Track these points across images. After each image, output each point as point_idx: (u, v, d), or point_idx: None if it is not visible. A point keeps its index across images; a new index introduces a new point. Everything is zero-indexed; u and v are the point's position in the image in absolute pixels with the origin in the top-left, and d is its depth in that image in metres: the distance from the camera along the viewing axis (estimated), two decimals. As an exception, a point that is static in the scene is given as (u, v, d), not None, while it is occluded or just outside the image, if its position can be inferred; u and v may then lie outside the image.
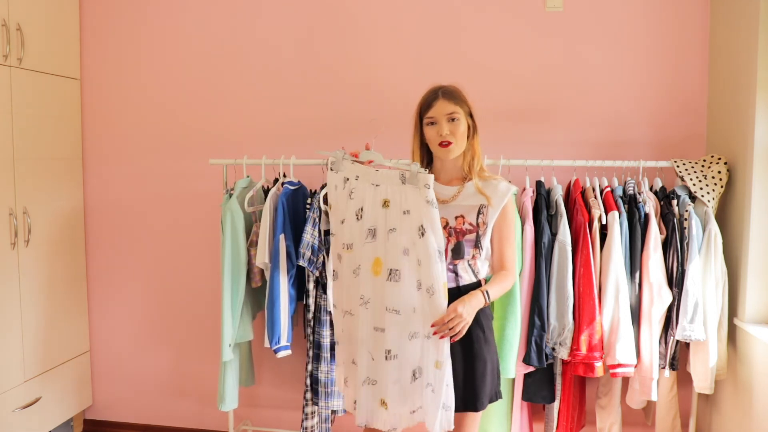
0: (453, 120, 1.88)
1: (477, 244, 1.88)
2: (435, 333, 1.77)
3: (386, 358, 1.83)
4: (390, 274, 1.82)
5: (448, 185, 1.95)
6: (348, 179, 1.93)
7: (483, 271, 1.93)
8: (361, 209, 1.88)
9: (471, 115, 1.93)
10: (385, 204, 1.86)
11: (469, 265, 1.89)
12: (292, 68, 2.92)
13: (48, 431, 2.91)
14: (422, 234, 1.79)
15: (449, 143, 1.88)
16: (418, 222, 1.80)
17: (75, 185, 3.09)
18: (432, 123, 1.90)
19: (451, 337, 1.78)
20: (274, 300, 2.46)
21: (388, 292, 1.82)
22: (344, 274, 1.94)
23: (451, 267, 1.88)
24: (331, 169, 1.97)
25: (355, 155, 1.95)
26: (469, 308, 1.78)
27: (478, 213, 1.89)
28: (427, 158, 2.00)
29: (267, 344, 2.50)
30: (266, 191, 2.61)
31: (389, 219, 1.85)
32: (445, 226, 1.88)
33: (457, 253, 1.88)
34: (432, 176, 1.81)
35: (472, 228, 1.88)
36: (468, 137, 1.92)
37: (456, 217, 1.90)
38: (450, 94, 1.91)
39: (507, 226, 1.93)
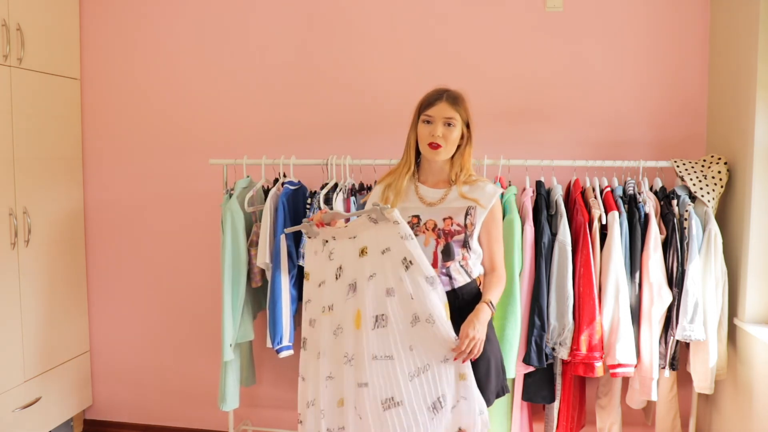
0: (449, 125, 1.89)
1: (465, 245, 1.90)
2: (456, 359, 1.77)
3: (386, 408, 1.76)
4: (376, 321, 1.79)
5: (434, 188, 1.97)
6: (327, 241, 1.93)
7: (476, 270, 1.94)
8: (340, 267, 1.88)
9: (468, 125, 1.94)
10: (363, 252, 1.84)
11: (461, 266, 1.90)
12: (292, 68, 2.92)
13: (48, 431, 2.91)
14: (408, 266, 1.78)
15: (438, 146, 1.88)
16: (400, 256, 1.79)
17: (75, 185, 3.09)
18: (428, 121, 1.91)
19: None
20: (276, 300, 2.46)
21: (373, 341, 1.78)
22: (320, 338, 1.89)
23: (444, 270, 1.89)
24: (309, 237, 1.98)
25: (320, 223, 1.94)
26: (479, 326, 1.79)
27: (466, 214, 1.91)
28: (417, 156, 2.00)
29: (269, 344, 2.50)
30: (266, 191, 2.61)
31: (367, 266, 1.83)
32: (434, 228, 1.90)
33: (447, 254, 1.89)
34: (396, 211, 1.82)
35: (460, 229, 1.89)
36: (460, 146, 1.94)
37: (444, 219, 1.91)
38: (453, 98, 1.92)
39: (495, 227, 1.95)
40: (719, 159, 2.43)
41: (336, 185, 2.53)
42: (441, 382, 1.77)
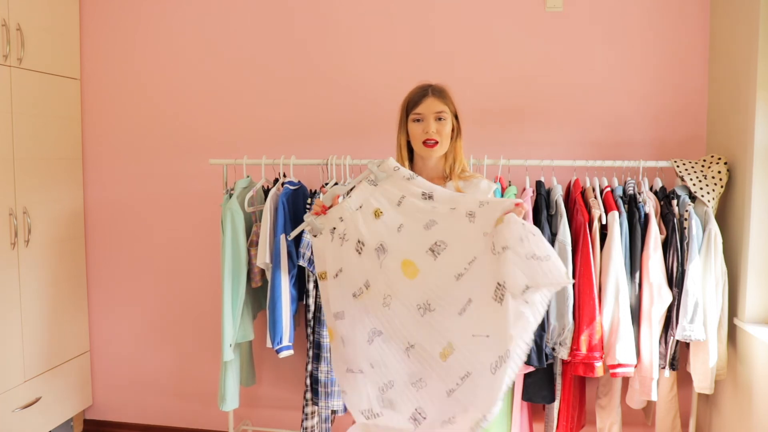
0: (440, 119, 1.87)
1: None
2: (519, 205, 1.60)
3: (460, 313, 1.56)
4: (432, 251, 1.63)
5: None
6: (334, 228, 1.77)
7: None
8: (359, 241, 1.73)
9: (456, 117, 1.93)
10: (377, 214, 1.74)
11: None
12: (292, 69, 2.92)
13: (48, 431, 2.91)
14: (429, 197, 1.67)
15: (435, 143, 1.86)
16: (418, 192, 1.68)
17: (75, 185, 3.09)
18: (418, 120, 1.88)
19: None
20: (276, 300, 2.46)
21: (443, 266, 1.61)
22: (367, 323, 1.70)
23: None
24: (314, 235, 1.81)
25: (322, 209, 1.80)
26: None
27: None
28: (409, 155, 1.97)
29: (269, 344, 2.50)
30: (266, 191, 2.61)
31: (390, 222, 1.72)
32: None
33: None
34: (391, 158, 1.77)
35: None
36: (452, 138, 1.92)
37: None
38: (439, 92, 1.90)
39: None
40: (719, 159, 2.43)
41: (336, 185, 2.53)
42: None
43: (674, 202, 2.35)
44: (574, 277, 2.33)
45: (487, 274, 1.54)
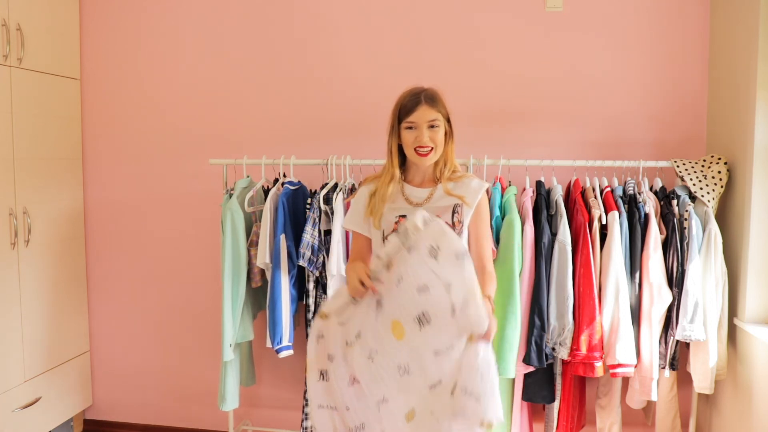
0: (433, 127, 1.84)
1: None
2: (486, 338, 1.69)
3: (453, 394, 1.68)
4: (419, 321, 1.68)
5: (420, 187, 1.93)
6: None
7: None
8: (379, 303, 1.74)
9: (448, 120, 1.90)
10: (389, 266, 1.72)
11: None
12: (292, 68, 2.92)
13: (48, 431, 2.91)
14: (436, 254, 1.67)
15: (429, 150, 1.84)
16: (426, 246, 1.67)
17: (75, 185, 3.09)
18: (411, 128, 1.86)
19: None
20: (276, 300, 2.46)
21: (426, 338, 1.68)
22: (354, 370, 1.75)
23: None
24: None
25: (373, 288, 1.75)
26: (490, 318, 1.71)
27: (453, 212, 1.87)
28: (401, 159, 1.94)
29: (269, 344, 2.50)
30: (266, 191, 2.61)
31: (395, 273, 1.70)
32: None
33: None
34: (420, 211, 1.74)
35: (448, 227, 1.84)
36: (444, 142, 1.89)
37: None
38: (432, 99, 1.86)
39: (482, 223, 1.91)
40: (719, 159, 2.43)
41: (336, 185, 2.53)
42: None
43: (674, 202, 2.35)
44: (574, 277, 2.33)
45: (454, 369, 1.68)
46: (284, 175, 2.64)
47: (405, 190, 1.93)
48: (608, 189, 2.41)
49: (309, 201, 2.54)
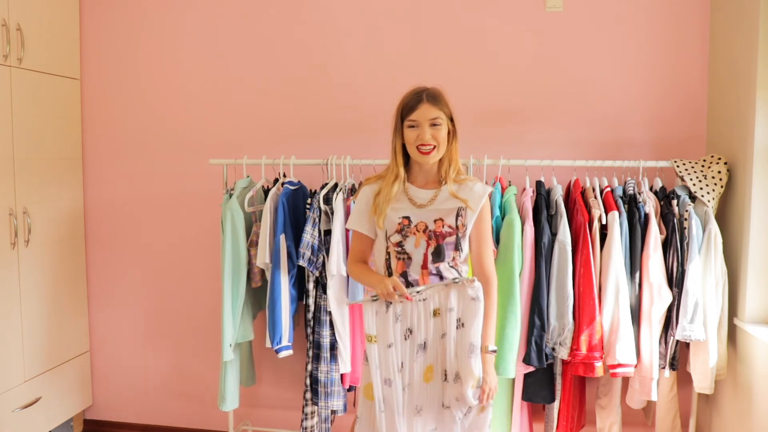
0: (435, 125, 1.86)
1: (457, 247, 1.88)
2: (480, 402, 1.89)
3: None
4: (444, 375, 1.88)
5: (424, 188, 1.94)
6: (390, 303, 1.86)
7: (464, 271, 1.93)
8: (409, 329, 1.87)
9: (452, 119, 1.91)
10: (436, 314, 1.87)
11: (451, 266, 1.89)
12: (292, 68, 2.92)
13: (48, 431, 2.91)
14: (461, 326, 1.86)
15: (431, 149, 1.86)
16: (458, 315, 1.86)
17: (75, 185, 3.09)
18: (413, 126, 1.87)
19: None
20: (275, 300, 2.46)
21: (447, 391, 1.88)
22: (397, 397, 1.88)
23: (434, 270, 1.88)
24: (374, 299, 1.87)
25: (410, 297, 1.84)
26: (491, 378, 1.88)
27: (457, 215, 1.88)
28: (405, 160, 1.96)
29: (268, 344, 2.50)
30: (266, 191, 2.61)
31: (437, 326, 1.87)
32: (425, 230, 1.87)
33: (437, 256, 1.87)
34: (479, 284, 1.86)
35: (451, 230, 1.87)
36: (447, 142, 1.90)
37: (435, 220, 1.88)
38: (434, 97, 1.88)
39: (485, 228, 1.94)
40: (719, 159, 2.43)
41: (336, 185, 2.53)
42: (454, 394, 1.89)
43: (674, 202, 2.35)
44: (574, 277, 2.33)
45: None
46: (284, 175, 2.64)
47: (409, 191, 1.94)
48: (608, 189, 2.41)
49: (309, 201, 2.54)
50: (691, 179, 2.38)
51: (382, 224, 1.90)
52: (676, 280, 2.31)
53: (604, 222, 2.31)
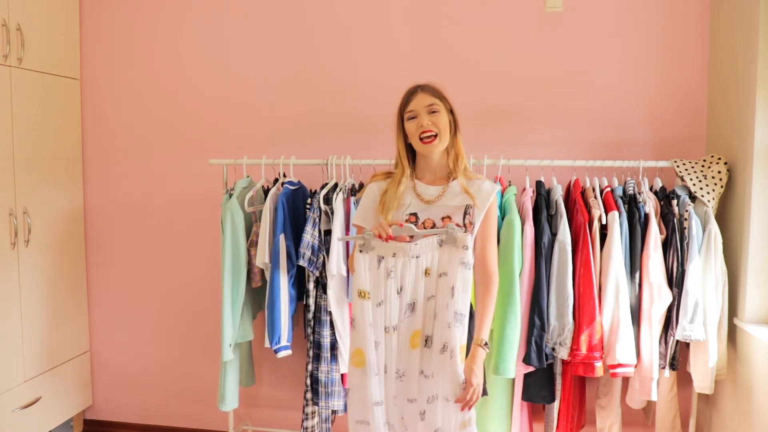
0: (433, 112, 1.86)
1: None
2: (462, 409, 1.78)
3: (421, 419, 1.81)
4: (425, 341, 1.81)
5: (432, 185, 1.93)
6: (383, 258, 1.82)
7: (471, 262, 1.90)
8: (402, 288, 1.82)
9: (452, 112, 1.91)
10: (427, 273, 1.82)
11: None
12: (292, 68, 2.92)
13: (48, 431, 2.91)
14: (452, 295, 1.78)
15: (433, 136, 1.85)
16: (451, 283, 1.79)
17: (75, 185, 3.09)
18: (412, 117, 1.88)
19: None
20: (275, 300, 2.46)
21: (423, 358, 1.81)
22: (386, 359, 1.85)
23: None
24: (360, 251, 1.84)
25: (389, 237, 1.80)
26: (479, 372, 1.79)
27: (465, 213, 1.87)
28: (411, 159, 1.96)
29: (267, 344, 2.50)
30: (266, 191, 2.61)
31: (428, 287, 1.82)
32: (432, 227, 1.87)
33: None
34: (470, 237, 1.80)
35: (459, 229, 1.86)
36: (450, 133, 1.90)
37: (442, 218, 1.87)
38: (429, 88, 1.90)
39: (490, 227, 1.92)
40: (719, 159, 2.43)
41: (336, 185, 2.53)
42: (445, 418, 1.79)
43: (674, 202, 2.35)
44: (574, 277, 2.33)
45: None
46: (284, 175, 2.64)
47: (417, 187, 1.93)
48: (608, 189, 2.41)
49: (309, 201, 2.54)
50: (691, 179, 2.38)
51: (389, 221, 1.88)
52: (676, 280, 2.31)
53: (604, 222, 2.31)
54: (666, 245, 2.34)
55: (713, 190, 2.36)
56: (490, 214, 1.91)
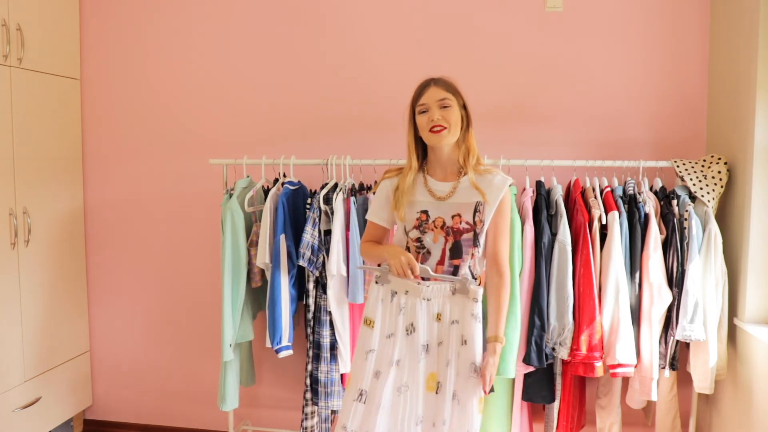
0: (445, 107, 1.85)
1: (475, 242, 1.87)
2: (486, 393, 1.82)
3: None
4: (438, 387, 1.83)
5: (443, 181, 1.93)
6: (396, 293, 1.88)
7: (480, 269, 1.92)
8: (412, 325, 1.86)
9: (465, 107, 1.91)
10: (438, 318, 1.86)
11: (469, 267, 1.88)
12: (292, 68, 2.92)
13: (48, 431, 2.91)
14: (464, 343, 1.82)
15: (441, 128, 1.84)
16: (461, 331, 1.83)
17: (75, 185, 3.09)
18: (424, 111, 1.87)
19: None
20: (275, 300, 2.46)
21: (439, 406, 1.82)
22: (382, 392, 1.84)
23: (450, 269, 1.87)
24: (377, 282, 1.92)
25: (414, 276, 1.83)
26: (493, 367, 1.82)
27: (475, 211, 1.87)
28: (422, 154, 1.96)
29: (268, 344, 2.50)
30: (266, 191, 2.61)
31: (440, 332, 1.86)
32: (442, 226, 1.87)
33: (455, 252, 1.86)
34: (481, 289, 1.84)
35: (469, 227, 1.86)
36: (462, 128, 1.90)
37: (453, 216, 1.87)
38: (442, 82, 1.89)
39: (503, 221, 1.91)
40: (719, 159, 2.43)
41: (336, 185, 2.53)
42: None
43: (674, 202, 2.35)
44: (574, 277, 2.33)
45: None
46: (284, 175, 2.64)
47: (428, 183, 1.93)
48: (608, 189, 2.41)
49: (309, 201, 2.54)
50: (691, 179, 2.38)
51: (403, 216, 1.90)
52: (676, 280, 2.31)
53: (604, 222, 2.31)
54: (666, 245, 2.34)
55: (713, 190, 2.36)
56: (502, 208, 1.89)
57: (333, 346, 2.50)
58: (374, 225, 2.01)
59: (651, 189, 2.47)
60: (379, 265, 1.92)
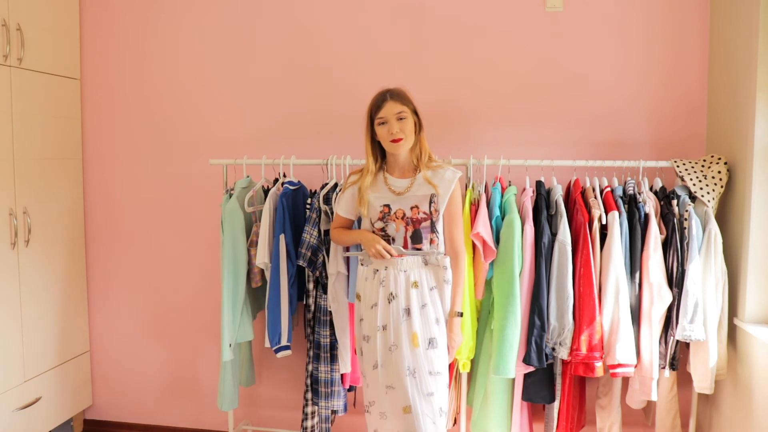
0: (401, 119, 2.11)
1: (433, 229, 2.14)
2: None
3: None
4: (429, 343, 2.11)
5: (401, 178, 2.20)
6: (377, 270, 2.16)
7: (442, 248, 2.18)
8: (392, 294, 2.12)
9: (416, 113, 2.16)
10: (415, 285, 2.13)
11: (431, 246, 2.15)
12: (292, 68, 2.92)
13: (48, 431, 2.91)
14: (443, 302, 2.17)
15: (400, 139, 2.10)
16: (440, 294, 2.16)
17: (75, 185, 3.09)
18: (383, 123, 2.12)
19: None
20: (275, 300, 2.46)
21: (430, 357, 2.11)
22: (376, 352, 2.14)
23: (413, 249, 2.15)
24: (362, 264, 2.21)
25: (399, 254, 2.13)
26: (458, 337, 2.18)
27: (430, 202, 2.13)
28: (380, 154, 2.22)
29: (267, 344, 2.50)
30: (266, 191, 2.61)
31: (421, 297, 2.13)
32: (403, 217, 2.14)
33: (416, 238, 2.14)
34: (448, 258, 2.15)
35: (426, 216, 2.13)
36: (415, 132, 2.16)
37: (411, 208, 2.14)
38: (397, 95, 2.14)
39: (455, 210, 2.18)
40: (719, 159, 2.43)
41: (336, 185, 2.53)
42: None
43: (674, 202, 2.35)
44: (574, 277, 2.33)
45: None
46: (284, 175, 2.64)
47: (388, 181, 2.20)
48: (608, 189, 2.41)
49: (309, 201, 2.54)
50: (691, 179, 2.38)
51: (366, 213, 2.18)
52: (676, 280, 2.31)
53: (604, 222, 2.31)
54: (666, 245, 2.34)
55: (713, 190, 2.36)
56: (453, 198, 2.17)
57: (333, 346, 2.50)
58: (341, 217, 2.30)
59: (651, 189, 2.47)
60: (361, 250, 2.21)
